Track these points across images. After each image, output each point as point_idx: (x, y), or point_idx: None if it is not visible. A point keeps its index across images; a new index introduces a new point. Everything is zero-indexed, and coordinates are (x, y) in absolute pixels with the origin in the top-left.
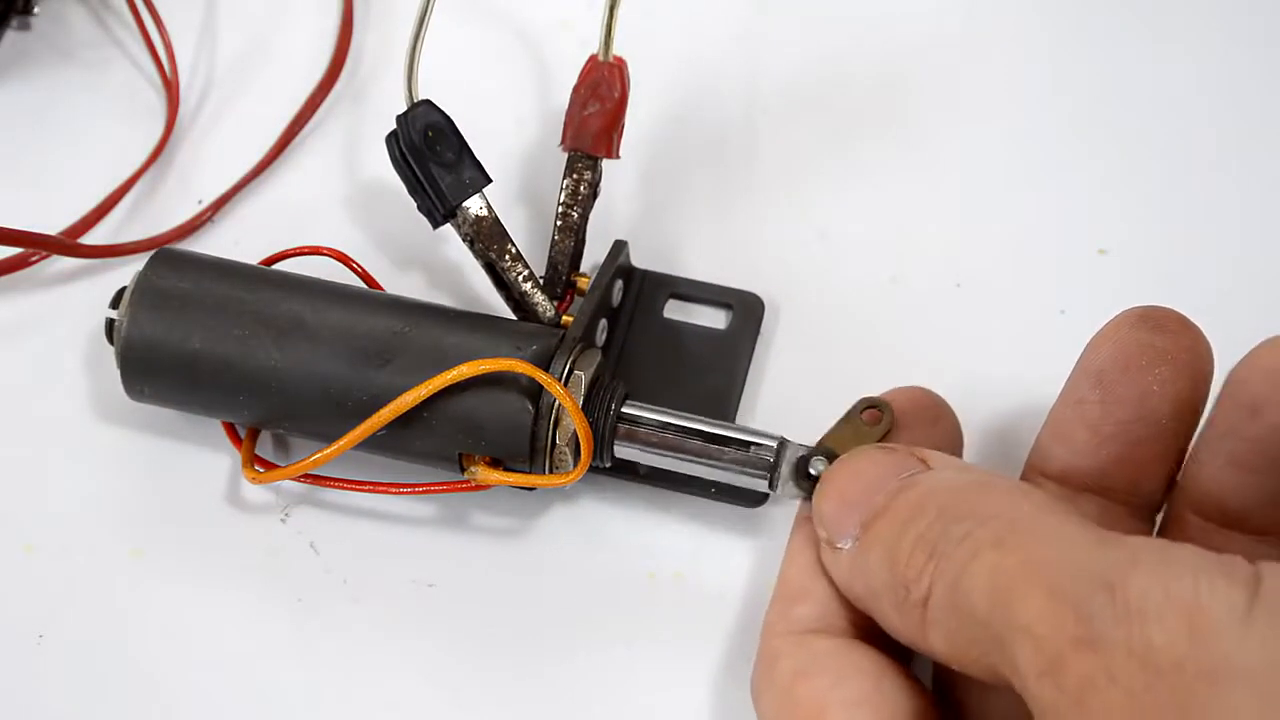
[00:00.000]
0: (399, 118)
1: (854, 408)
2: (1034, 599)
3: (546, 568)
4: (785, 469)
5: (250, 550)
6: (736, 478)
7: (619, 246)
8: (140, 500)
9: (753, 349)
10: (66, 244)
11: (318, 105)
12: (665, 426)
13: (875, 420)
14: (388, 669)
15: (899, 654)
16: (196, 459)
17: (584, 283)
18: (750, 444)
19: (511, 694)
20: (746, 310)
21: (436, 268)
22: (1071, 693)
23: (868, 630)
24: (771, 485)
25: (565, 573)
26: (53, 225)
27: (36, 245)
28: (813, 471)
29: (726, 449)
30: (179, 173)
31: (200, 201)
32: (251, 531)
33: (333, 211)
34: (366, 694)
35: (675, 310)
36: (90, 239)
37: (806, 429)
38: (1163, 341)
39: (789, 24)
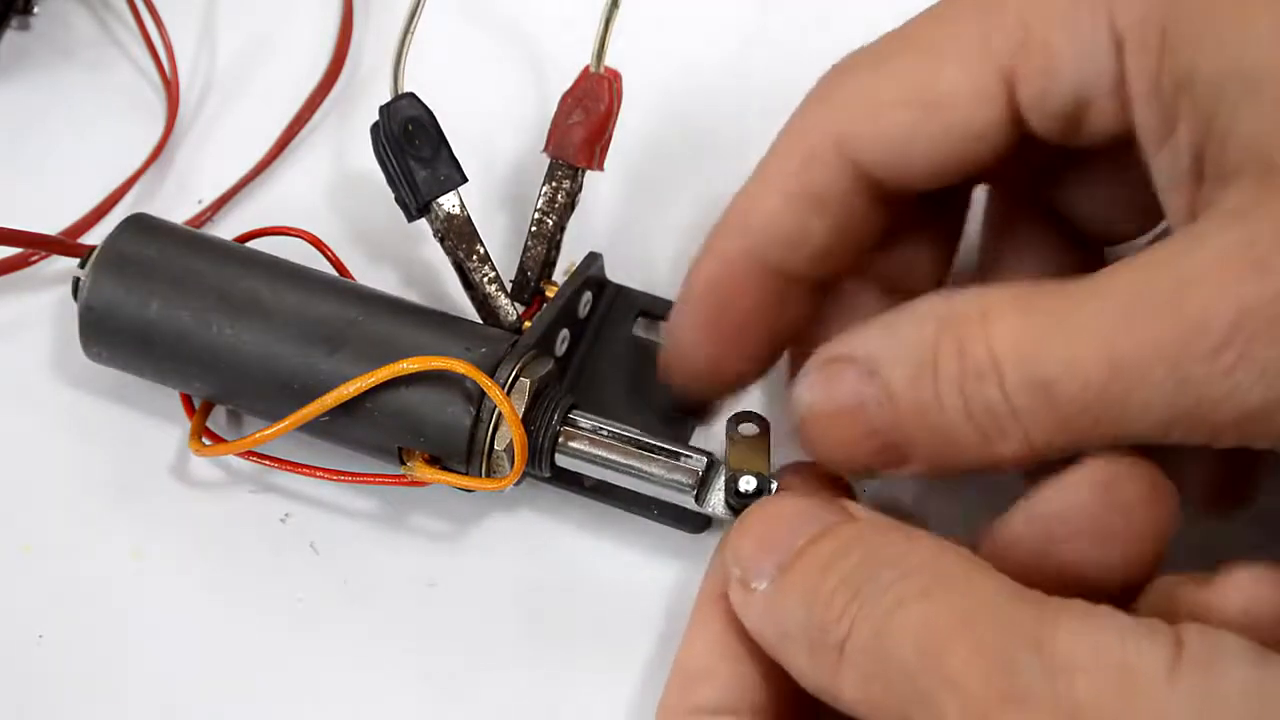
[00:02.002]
0: (382, 108)
1: (728, 427)
2: (961, 653)
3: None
4: (715, 486)
5: (250, 550)
6: (665, 491)
7: (591, 258)
8: (141, 497)
9: None
10: (66, 244)
11: (318, 105)
12: (603, 438)
13: (754, 431)
14: (388, 669)
15: None
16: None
17: (553, 291)
18: (680, 455)
19: (507, 691)
20: None
21: (415, 263)
22: None
23: (771, 715)
24: (698, 500)
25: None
26: (53, 225)
27: (36, 245)
28: (741, 489)
29: (656, 460)
30: (179, 173)
31: (200, 201)
32: (252, 531)
33: (332, 211)
34: (367, 694)
35: (645, 328)
36: (90, 239)
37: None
38: (1119, 524)
39: (785, 41)
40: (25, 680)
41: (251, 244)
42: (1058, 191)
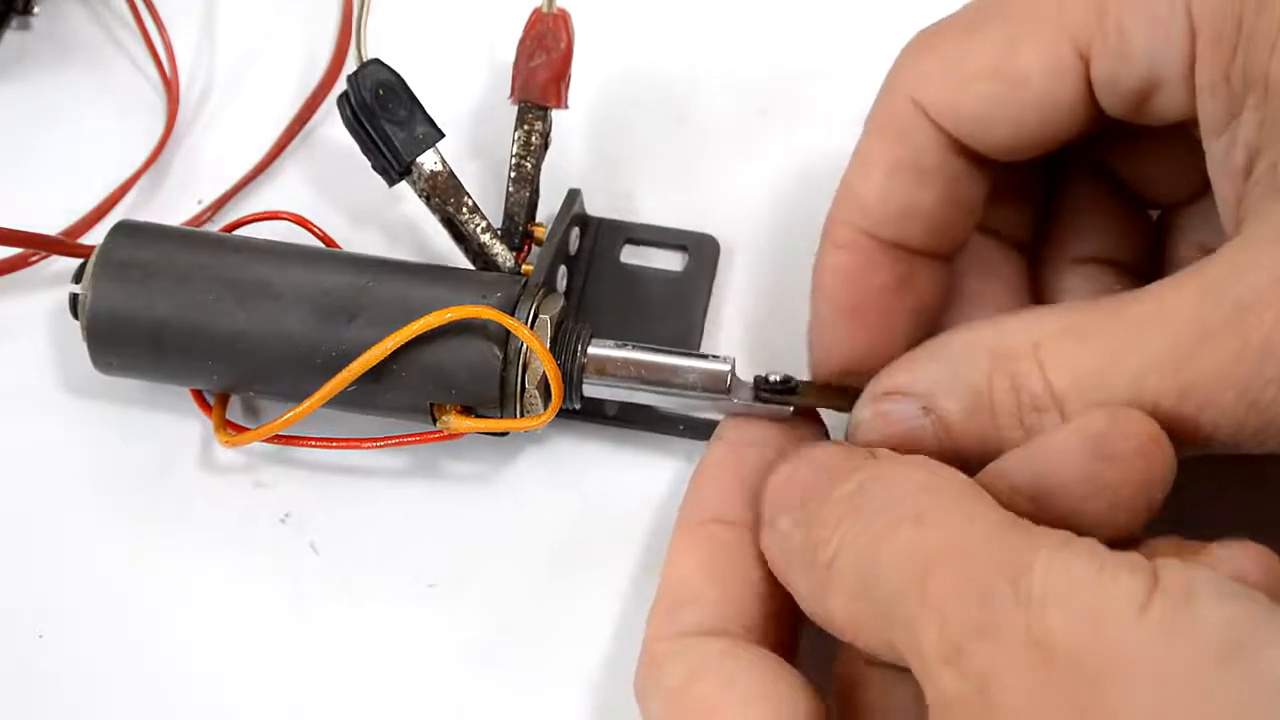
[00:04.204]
0: (349, 78)
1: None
2: (943, 580)
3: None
4: (740, 383)
5: (250, 551)
6: (693, 402)
7: (573, 195)
8: (142, 496)
9: (710, 288)
10: (66, 244)
11: (318, 105)
12: (629, 357)
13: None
14: (388, 669)
15: (790, 659)
16: (198, 448)
17: (541, 232)
18: (705, 361)
19: (513, 684)
20: (701, 251)
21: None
22: (974, 681)
23: (759, 634)
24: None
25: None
26: (53, 225)
27: (36, 245)
28: (771, 379)
29: (684, 370)
30: (179, 173)
31: (200, 201)
32: (252, 531)
33: (331, 211)
34: (367, 694)
35: (631, 255)
36: (90, 239)
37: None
38: (1110, 474)
39: None
40: (25, 680)
41: (240, 232)
42: (1117, 158)
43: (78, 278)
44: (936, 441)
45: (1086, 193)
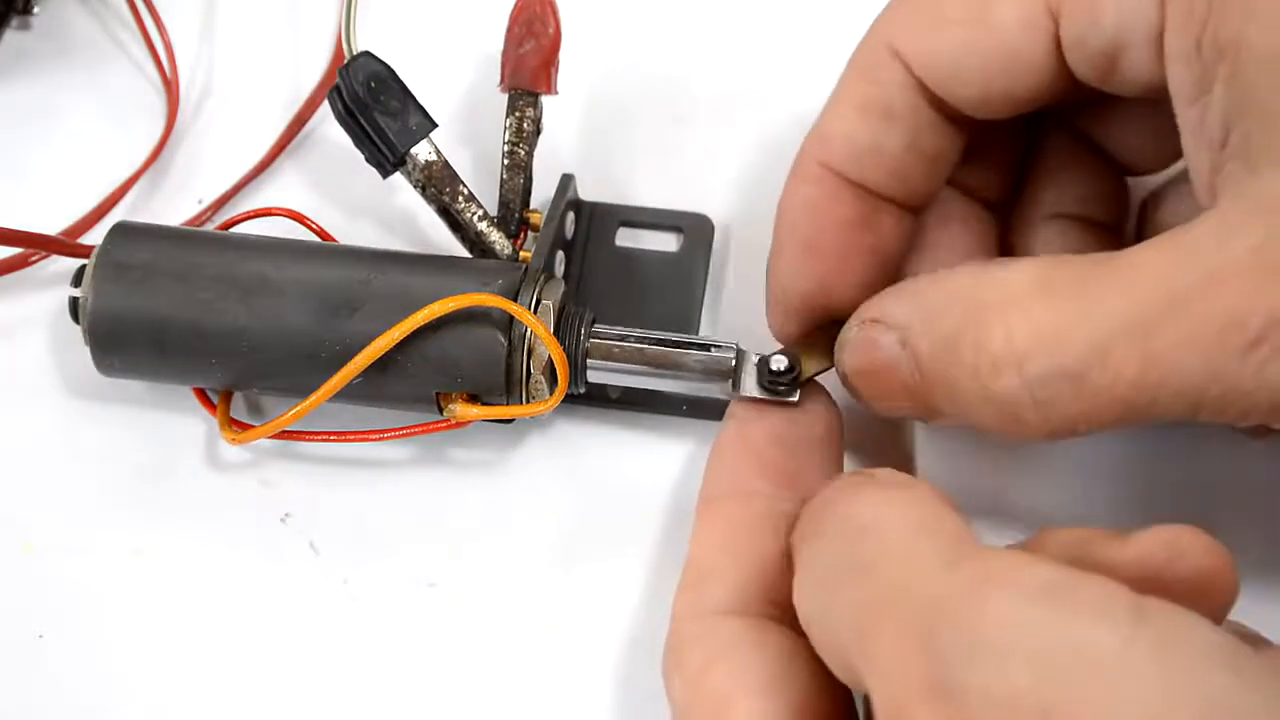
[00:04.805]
0: (340, 71)
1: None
2: (885, 636)
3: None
4: (746, 370)
5: (250, 550)
6: (697, 385)
7: (566, 180)
8: (142, 496)
9: (707, 268)
10: (66, 244)
11: (317, 104)
12: (633, 345)
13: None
14: (388, 669)
15: None
16: (197, 448)
17: (536, 219)
18: (710, 347)
19: (524, 675)
20: (696, 231)
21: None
22: None
23: (782, 609)
24: (734, 385)
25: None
26: (53, 225)
27: (36, 245)
28: (774, 367)
29: (689, 355)
30: (179, 173)
31: (200, 201)
32: (252, 531)
33: (333, 208)
34: (366, 694)
35: (626, 238)
36: (90, 239)
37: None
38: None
39: None
40: (25, 680)
41: (237, 229)
42: (1094, 125)
43: (76, 281)
44: (909, 374)
45: (1063, 153)
